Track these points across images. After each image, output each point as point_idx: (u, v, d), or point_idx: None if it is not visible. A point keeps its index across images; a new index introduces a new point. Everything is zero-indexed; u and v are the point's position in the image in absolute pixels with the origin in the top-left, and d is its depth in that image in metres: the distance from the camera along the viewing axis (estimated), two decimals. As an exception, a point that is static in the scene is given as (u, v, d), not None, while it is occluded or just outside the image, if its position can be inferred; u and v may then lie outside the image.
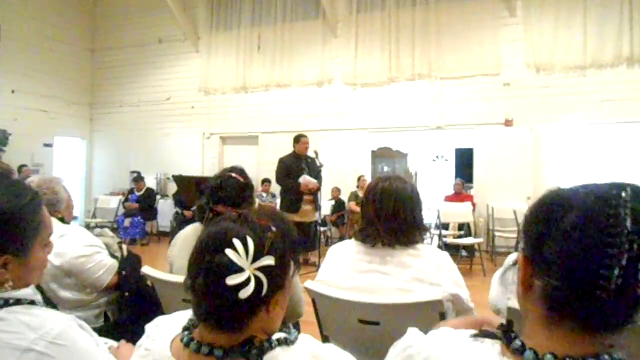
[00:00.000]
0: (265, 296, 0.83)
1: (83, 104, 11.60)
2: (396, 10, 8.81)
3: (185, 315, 0.97)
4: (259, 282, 0.81)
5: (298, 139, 6.62)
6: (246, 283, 0.80)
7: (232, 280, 0.80)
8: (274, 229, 0.87)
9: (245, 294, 0.80)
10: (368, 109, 9.07)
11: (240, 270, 0.81)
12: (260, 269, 0.82)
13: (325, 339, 1.84)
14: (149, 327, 0.99)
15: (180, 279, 1.69)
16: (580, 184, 0.75)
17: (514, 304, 1.09)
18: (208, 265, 0.83)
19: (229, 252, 0.81)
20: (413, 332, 0.89)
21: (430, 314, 1.52)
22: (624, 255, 0.64)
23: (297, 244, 0.92)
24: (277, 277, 0.85)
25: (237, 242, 0.82)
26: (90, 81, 11.74)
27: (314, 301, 1.81)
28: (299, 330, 0.93)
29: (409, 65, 8.72)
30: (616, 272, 0.64)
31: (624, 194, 0.68)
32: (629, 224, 0.65)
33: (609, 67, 7.51)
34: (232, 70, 10.14)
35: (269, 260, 0.83)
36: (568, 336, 0.70)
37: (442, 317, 1.54)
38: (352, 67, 9.14)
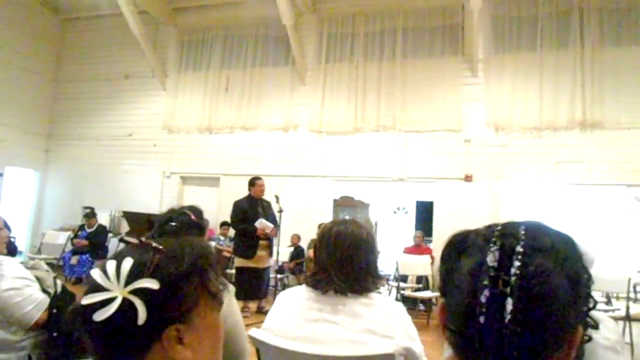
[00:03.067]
0: (151, 326, 0.71)
1: (40, 134, 11.24)
2: (363, 63, 9.05)
3: None
4: (130, 306, 0.70)
5: (253, 182, 6.51)
6: (106, 303, 0.69)
7: (86, 299, 0.70)
8: (166, 250, 0.77)
9: (100, 315, 0.69)
10: (332, 157, 9.12)
11: (105, 291, 0.71)
12: (136, 292, 0.71)
13: (268, 393, 1.71)
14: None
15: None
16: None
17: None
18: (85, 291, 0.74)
19: (94, 272, 0.72)
20: None
21: (380, 369, 1.43)
22: (484, 290, 0.61)
23: (209, 277, 0.80)
24: (166, 306, 0.73)
25: (110, 263, 0.73)
26: (50, 111, 11.44)
27: (257, 351, 1.69)
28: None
29: (374, 116, 8.88)
30: (478, 309, 0.61)
31: (496, 229, 0.66)
32: (489, 258, 0.63)
33: (563, 130, 7.85)
34: (198, 110, 10.10)
35: (147, 283, 0.71)
36: None
37: (393, 372, 1.45)
38: (318, 115, 9.25)
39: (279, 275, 7.73)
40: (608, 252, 6.84)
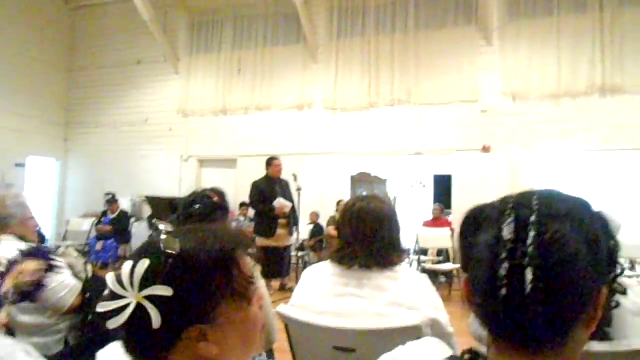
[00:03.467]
0: (168, 330, 0.71)
1: (58, 124, 11.39)
2: (375, 37, 8.93)
3: None
4: (146, 311, 0.70)
5: (270, 162, 6.54)
6: (120, 311, 0.70)
7: (101, 307, 0.70)
8: (185, 251, 0.74)
9: (113, 323, 0.69)
10: (347, 133, 9.09)
11: (120, 297, 0.71)
12: (151, 298, 0.70)
13: (298, 367, 1.76)
14: (101, 354, 0.91)
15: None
16: None
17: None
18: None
19: (109, 277, 0.73)
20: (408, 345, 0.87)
21: (408, 340, 1.45)
22: (503, 264, 0.62)
23: (232, 272, 0.77)
24: (182, 310, 0.72)
25: (126, 266, 0.73)
26: (66, 101, 11.56)
27: (286, 327, 1.72)
28: (272, 358, 0.85)
29: (388, 91, 8.80)
30: (499, 282, 0.61)
31: (510, 201, 0.67)
32: (506, 231, 0.63)
33: (582, 96, 7.69)
34: (212, 92, 10.11)
35: (160, 291, 0.70)
36: (512, 356, 0.65)
37: (421, 343, 1.47)
38: (332, 92, 9.19)
39: (299, 253, 7.81)
40: (631, 218, 6.75)
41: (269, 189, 6.35)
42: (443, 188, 10.02)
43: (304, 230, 8.19)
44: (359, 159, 9.53)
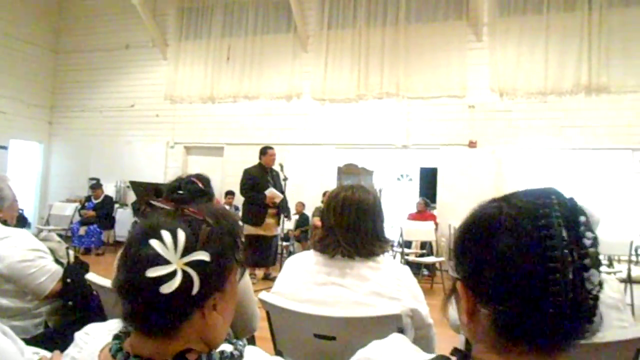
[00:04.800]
0: (198, 297, 0.74)
1: (42, 107, 11.21)
2: (366, 29, 8.91)
3: (119, 322, 0.88)
4: (187, 278, 0.73)
5: (265, 151, 6.53)
6: (170, 277, 0.72)
7: (153, 272, 0.71)
8: (211, 221, 0.79)
9: (167, 288, 0.71)
10: (335, 124, 9.09)
11: (165, 263, 0.72)
12: (191, 264, 0.73)
13: (278, 355, 1.76)
14: (78, 335, 0.90)
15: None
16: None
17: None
18: (132, 258, 0.75)
19: (153, 242, 0.73)
20: (374, 345, 0.84)
21: (388, 329, 1.47)
22: (569, 267, 0.60)
23: (239, 245, 0.84)
24: (212, 277, 0.76)
25: (165, 234, 0.74)
26: (51, 83, 11.37)
27: (268, 314, 1.73)
28: (253, 344, 0.86)
29: (377, 83, 8.80)
30: (565, 286, 0.60)
31: (552, 202, 0.64)
32: (565, 234, 0.62)
33: (568, 95, 7.77)
34: (200, 79, 10.02)
35: (201, 255, 0.74)
36: (522, 359, 0.65)
37: (400, 332, 1.49)
38: (321, 82, 9.17)
39: (284, 243, 7.83)
40: (611, 216, 6.87)
41: (261, 178, 6.34)
42: (429, 182, 10.08)
43: (289, 220, 8.19)
44: (346, 151, 9.54)
